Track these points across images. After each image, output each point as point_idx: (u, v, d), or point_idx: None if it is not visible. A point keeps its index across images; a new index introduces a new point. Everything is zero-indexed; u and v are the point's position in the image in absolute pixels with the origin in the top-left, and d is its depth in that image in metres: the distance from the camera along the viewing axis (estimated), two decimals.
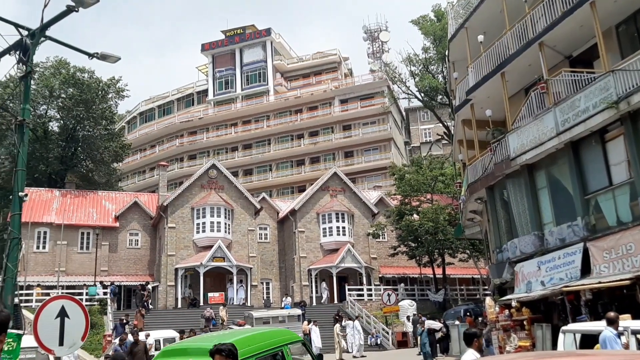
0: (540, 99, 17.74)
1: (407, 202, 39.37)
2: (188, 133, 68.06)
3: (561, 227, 16.59)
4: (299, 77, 68.92)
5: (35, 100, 44.72)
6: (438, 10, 49.00)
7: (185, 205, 40.12)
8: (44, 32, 10.15)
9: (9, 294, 8.93)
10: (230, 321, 30.74)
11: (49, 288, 35.55)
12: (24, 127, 9.81)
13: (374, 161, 60.83)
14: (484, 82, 20.32)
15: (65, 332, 7.69)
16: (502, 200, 20.02)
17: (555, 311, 16.00)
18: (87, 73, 47.31)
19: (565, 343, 10.45)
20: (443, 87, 47.46)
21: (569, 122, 15.81)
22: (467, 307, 30.25)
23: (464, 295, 41.35)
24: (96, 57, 10.95)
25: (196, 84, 72.26)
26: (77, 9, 9.80)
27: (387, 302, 32.69)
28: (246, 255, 40.49)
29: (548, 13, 17.26)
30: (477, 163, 21.46)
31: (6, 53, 10.15)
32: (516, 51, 18.58)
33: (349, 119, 62.80)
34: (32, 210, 38.84)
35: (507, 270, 19.16)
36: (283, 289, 43.28)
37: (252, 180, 62.97)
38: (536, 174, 18.13)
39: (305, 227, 42.62)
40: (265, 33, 68.35)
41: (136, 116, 74.56)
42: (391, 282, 43.12)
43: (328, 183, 44.20)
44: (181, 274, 38.37)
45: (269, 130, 64.83)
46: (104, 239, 41.03)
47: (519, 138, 17.97)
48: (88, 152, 49.63)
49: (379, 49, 74.13)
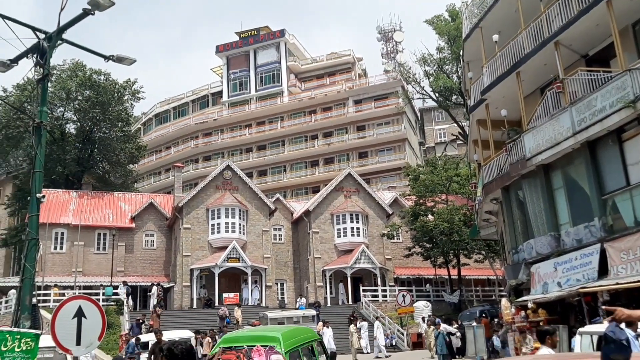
0: (556, 98, 17.59)
1: (422, 202, 39.20)
2: (203, 134, 68.41)
3: (578, 228, 16.43)
4: (312, 78, 68.97)
5: (53, 102, 45.22)
6: (452, 10, 48.76)
7: (200, 206, 40.33)
8: (60, 35, 10.26)
9: (27, 294, 9.04)
10: (245, 321, 30.83)
11: (66, 288, 35.94)
12: (41, 129, 9.93)
13: (389, 162, 60.66)
14: (499, 81, 20.20)
15: (82, 332, 7.77)
16: (517, 201, 19.88)
17: (572, 313, 15.84)
18: (103, 75, 47.74)
19: (582, 345, 10.35)
20: (458, 87, 47.23)
21: (586, 121, 15.65)
22: (482, 308, 30.03)
23: (480, 297, 41.07)
24: (112, 60, 11.05)
25: (211, 85, 72.60)
26: (93, 12, 9.90)
27: (402, 303, 32.58)
28: (261, 256, 40.60)
29: (564, 12, 17.11)
30: (492, 163, 21.33)
31: (24, 56, 10.28)
32: (531, 50, 18.44)
33: (363, 119, 62.72)
34: (49, 212, 39.29)
35: (523, 271, 19.02)
36: (297, 290, 43.34)
37: (267, 181, 63.12)
38: (552, 174, 17.97)
39: (319, 228, 42.63)
40: (279, 34, 68.50)
41: (152, 118, 75.11)
42: (406, 283, 42.98)
43: (342, 184, 44.18)
44: (196, 274, 38.57)
45: (283, 131, 64.95)
46: (120, 240, 41.39)
47: (535, 138, 17.82)
48: (104, 153, 50.09)
49: (393, 49, 73.95)
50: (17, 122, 43.99)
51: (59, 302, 9.64)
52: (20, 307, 8.96)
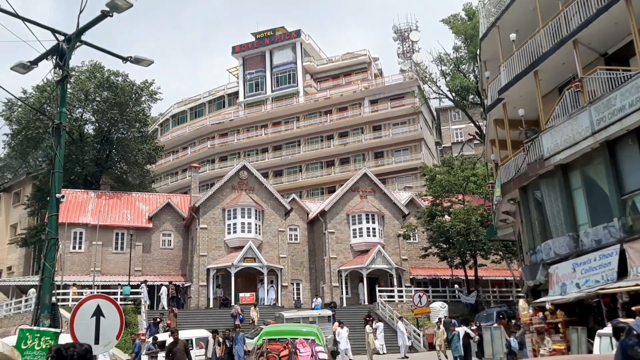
0: (574, 97, 17.40)
1: (438, 203, 39.01)
2: (219, 135, 68.74)
3: (597, 228, 16.24)
4: (328, 78, 68.96)
5: (71, 103, 45.77)
6: (469, 9, 48.49)
7: (217, 206, 40.54)
8: (79, 37, 10.37)
9: (46, 293, 9.15)
10: (261, 321, 30.94)
11: (85, 287, 36.35)
12: (60, 130, 10.04)
13: (405, 162, 60.45)
14: (516, 81, 20.04)
15: (100, 331, 7.84)
16: (535, 201, 19.70)
17: (591, 314, 15.66)
18: (121, 76, 48.20)
19: (601, 347, 10.23)
20: (474, 86, 46.94)
21: (605, 121, 15.46)
22: (500, 309, 29.83)
23: (497, 297, 40.78)
24: (130, 61, 11.14)
25: (227, 86, 72.94)
26: (111, 14, 10.00)
27: (418, 304, 32.46)
28: (276, 256, 40.70)
29: (582, 10, 16.93)
30: (509, 163, 21.17)
31: (43, 58, 10.41)
32: (550, 49, 18.27)
33: (379, 119, 62.57)
34: (68, 212, 39.75)
35: (541, 272, 18.84)
36: (313, 290, 43.37)
37: (282, 181, 63.25)
38: (571, 174, 17.78)
39: (335, 228, 42.61)
40: (295, 35, 68.59)
41: (169, 118, 75.65)
42: (422, 284, 42.79)
43: (358, 184, 44.12)
44: (213, 274, 38.77)
45: (298, 131, 65.03)
46: (137, 240, 41.74)
47: (553, 138, 17.65)
48: (122, 154, 50.58)
49: (409, 49, 73.68)
50: (36, 123, 44.60)
51: (77, 301, 9.74)
52: (40, 306, 9.07)
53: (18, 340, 7.48)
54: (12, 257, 49.46)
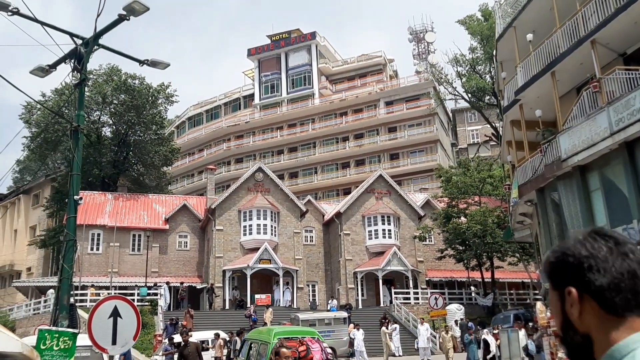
0: (592, 98, 17.22)
1: (455, 204, 38.79)
2: (235, 137, 69.01)
3: (616, 230, 16.04)
4: (343, 80, 68.92)
5: (89, 106, 46.23)
6: (485, 9, 48.21)
7: (233, 208, 40.68)
8: (97, 41, 10.49)
9: (65, 293, 9.25)
10: (276, 322, 30.96)
11: (102, 288, 36.67)
12: (78, 132, 10.16)
13: (420, 163, 60.22)
14: (533, 81, 19.88)
15: (117, 332, 7.92)
16: (553, 203, 19.51)
17: None
18: (137, 79, 48.63)
19: None
20: (491, 87, 46.66)
21: (624, 121, 15.27)
22: (517, 311, 29.55)
23: (514, 300, 40.42)
24: (146, 64, 11.25)
25: (243, 88, 73.23)
26: (128, 18, 10.10)
27: (434, 306, 32.27)
28: (292, 257, 40.73)
29: (600, 10, 16.76)
30: (526, 164, 20.99)
31: (62, 62, 10.54)
32: (567, 50, 18.10)
33: (394, 121, 62.40)
34: (86, 213, 40.13)
35: None
36: (329, 292, 43.32)
37: (298, 183, 63.31)
38: (589, 176, 17.59)
39: (350, 230, 42.55)
40: (310, 37, 68.67)
41: (185, 121, 76.12)
42: (438, 286, 42.56)
43: (373, 185, 44.01)
44: (229, 275, 38.90)
45: (314, 133, 65.08)
46: (154, 241, 42.02)
47: (571, 139, 17.47)
48: (139, 156, 51.00)
49: (425, 50, 73.41)
50: (55, 126, 45.12)
51: (95, 302, 9.83)
52: (59, 307, 9.17)
53: (37, 341, 7.58)
54: (32, 258, 50.09)
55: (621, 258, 1.32)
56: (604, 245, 1.34)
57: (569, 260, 1.38)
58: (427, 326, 28.14)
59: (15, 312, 37.94)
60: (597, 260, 1.32)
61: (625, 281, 1.29)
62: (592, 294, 1.32)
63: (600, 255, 1.32)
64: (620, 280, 1.29)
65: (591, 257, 1.33)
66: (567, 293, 1.37)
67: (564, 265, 1.39)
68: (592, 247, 1.35)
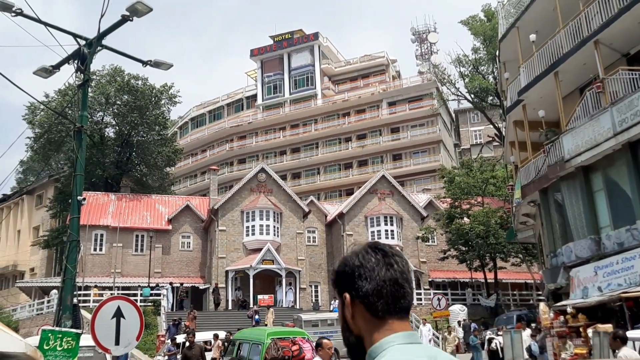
0: (596, 98, 17.19)
1: (457, 205, 38.75)
2: (238, 137, 69.06)
3: (619, 231, 16.01)
4: (346, 81, 68.91)
5: (92, 107, 46.30)
6: (488, 10, 48.16)
7: (235, 209, 40.71)
8: (100, 42, 10.51)
9: (68, 294, 9.26)
10: (279, 323, 30.97)
11: (105, 289, 36.72)
12: (82, 133, 10.18)
13: (423, 164, 60.17)
14: (536, 82, 19.85)
15: (120, 332, 7.93)
16: (556, 203, 19.47)
17: (614, 318, 15.43)
18: (141, 80, 48.70)
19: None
20: (494, 87, 46.60)
21: (627, 122, 15.25)
22: (520, 312, 29.50)
23: (517, 301, 40.36)
24: (150, 65, 11.27)
25: (245, 89, 73.27)
26: (131, 19, 10.12)
27: (437, 307, 32.23)
28: (295, 258, 40.74)
29: (603, 10, 16.72)
30: (529, 165, 20.96)
31: (65, 62, 10.56)
32: (570, 50, 18.07)
33: (397, 121, 62.38)
34: (89, 214, 40.19)
35: (561, 275, 18.61)
36: (331, 292, 43.23)
37: (301, 183, 63.31)
38: (592, 176, 17.55)
39: (353, 231, 42.53)
40: (313, 37, 68.67)
41: (188, 121, 76.21)
42: (441, 287, 42.52)
43: (376, 186, 44.00)
44: (231, 276, 38.93)
45: (316, 133, 65.10)
46: (157, 242, 42.07)
47: (574, 139, 17.44)
48: (142, 157, 51.07)
49: (428, 51, 73.36)
50: (58, 127, 45.23)
51: (98, 302, 9.85)
52: (62, 307, 9.19)
53: (40, 341, 7.59)
54: (35, 259, 50.21)
55: (386, 268, 1.48)
56: (373, 257, 1.50)
57: (345, 269, 1.55)
58: (429, 327, 28.09)
59: (19, 313, 38.04)
60: (365, 269, 1.48)
61: (387, 288, 1.46)
62: (360, 299, 1.48)
63: (368, 265, 1.49)
64: (383, 287, 1.45)
65: (361, 267, 1.49)
66: (343, 298, 1.55)
67: (342, 273, 1.56)
68: (363, 258, 1.51)
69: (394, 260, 1.50)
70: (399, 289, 1.47)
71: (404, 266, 1.51)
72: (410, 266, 1.46)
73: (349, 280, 1.53)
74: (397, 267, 1.49)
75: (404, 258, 1.54)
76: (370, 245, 1.56)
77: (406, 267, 1.52)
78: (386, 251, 1.52)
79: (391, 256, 1.51)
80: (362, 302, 1.48)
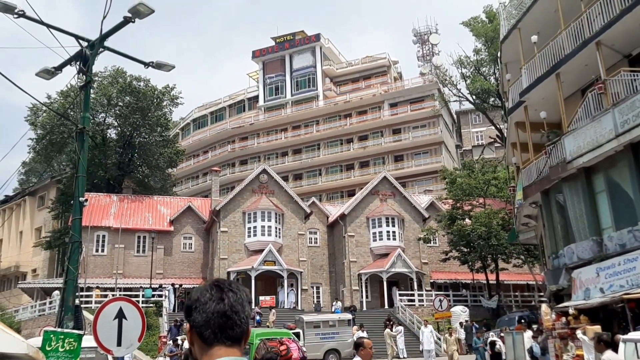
0: (597, 99, 17.18)
1: (459, 206, 38.72)
2: (239, 139, 69.11)
3: (621, 232, 15.99)
4: (348, 82, 68.95)
5: (94, 108, 46.37)
6: (489, 11, 48.14)
7: (237, 210, 40.74)
8: (102, 43, 10.53)
9: (70, 295, 9.28)
10: (281, 324, 30.96)
11: (108, 290, 36.75)
12: (84, 134, 10.20)
13: (425, 165, 60.16)
14: (538, 83, 19.83)
15: (122, 333, 7.94)
16: (557, 205, 19.45)
17: (616, 320, 15.41)
18: (143, 82, 48.76)
19: (626, 353, 10.06)
20: (495, 89, 46.57)
21: (629, 123, 15.23)
22: (521, 314, 29.45)
23: (519, 302, 40.30)
24: (151, 66, 11.29)
25: (247, 90, 73.33)
26: (133, 20, 10.14)
27: (438, 308, 32.22)
28: (296, 259, 40.75)
29: (605, 11, 16.71)
30: (531, 166, 20.94)
31: (67, 64, 10.59)
32: (572, 51, 18.06)
33: (398, 122, 62.38)
34: (91, 215, 40.26)
35: (563, 276, 18.59)
36: (333, 294, 43.29)
37: (302, 184, 63.33)
38: (594, 177, 17.54)
39: (355, 232, 42.52)
40: (315, 39, 68.72)
41: (189, 123, 76.29)
42: (443, 288, 42.48)
43: (378, 187, 43.99)
44: (233, 277, 38.89)
45: (318, 135, 65.12)
46: (159, 243, 42.11)
47: (576, 140, 17.43)
48: (144, 158, 51.13)
49: (429, 52, 73.38)
50: (60, 128, 45.30)
51: (100, 303, 9.86)
52: (64, 308, 9.20)
53: (42, 342, 7.60)
54: (37, 260, 50.26)
55: (216, 302, 1.70)
56: (208, 293, 1.73)
57: (188, 303, 1.81)
58: (431, 328, 28.06)
59: (21, 314, 38.08)
60: (199, 303, 1.72)
61: (214, 320, 1.67)
62: (194, 328, 1.73)
63: (202, 300, 1.72)
64: (211, 319, 1.67)
65: (197, 301, 1.73)
66: (186, 326, 1.80)
67: (186, 306, 1.83)
68: (200, 293, 1.76)
69: (226, 295, 1.71)
70: (227, 321, 1.68)
71: (236, 300, 1.71)
72: (246, 298, 1.75)
73: (189, 312, 1.77)
74: (228, 301, 1.70)
75: (239, 293, 1.76)
76: (213, 282, 1.80)
77: (239, 301, 1.72)
78: (222, 287, 1.74)
79: (225, 292, 1.73)
80: (196, 331, 1.71)
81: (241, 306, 1.72)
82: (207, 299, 1.71)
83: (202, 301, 1.72)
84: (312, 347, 25.73)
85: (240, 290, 1.79)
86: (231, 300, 1.71)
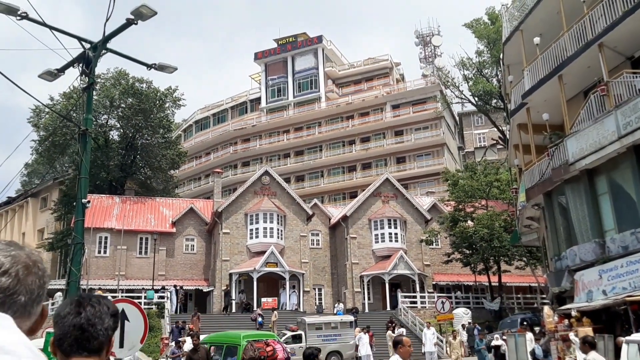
0: (600, 101, 17.16)
1: (461, 208, 38.69)
2: (242, 140, 69.16)
3: (624, 234, 15.96)
4: (350, 84, 68.99)
5: (97, 110, 46.43)
6: (492, 13, 48.12)
7: (239, 211, 40.74)
8: (105, 45, 10.55)
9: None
10: (283, 326, 30.93)
11: (110, 291, 36.76)
12: (86, 136, 10.22)
13: (427, 167, 60.12)
14: (540, 85, 19.83)
15: (125, 335, 7.93)
16: (560, 207, 19.43)
17: (618, 321, 15.38)
18: (145, 83, 48.82)
19: (629, 354, 10.04)
20: (498, 90, 46.56)
21: (632, 125, 15.21)
22: (524, 316, 29.41)
23: (521, 304, 40.24)
24: (154, 68, 11.30)
25: (249, 92, 73.40)
26: (136, 22, 10.16)
27: (441, 310, 32.16)
28: (298, 261, 40.73)
29: (608, 13, 16.71)
30: (533, 168, 20.93)
31: (70, 66, 10.61)
32: (574, 53, 18.05)
33: (400, 124, 62.37)
34: (94, 216, 40.28)
35: (566, 278, 18.57)
36: (335, 295, 43.26)
37: (304, 186, 63.33)
38: (596, 179, 17.52)
39: (357, 233, 42.50)
40: (317, 40, 68.78)
41: (192, 124, 76.37)
42: (445, 290, 42.44)
43: (380, 189, 43.96)
44: (235, 278, 38.92)
45: (320, 136, 65.13)
46: (161, 244, 42.13)
47: (578, 142, 17.41)
48: (146, 159, 51.17)
49: (431, 54, 73.35)
50: (63, 130, 45.35)
51: None
52: None
53: (45, 343, 7.61)
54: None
55: (73, 316, 1.77)
56: (67, 307, 1.80)
57: (53, 318, 1.84)
58: (433, 330, 28.01)
59: None
60: (59, 317, 1.79)
61: (70, 333, 1.75)
62: (55, 341, 1.77)
63: (61, 314, 1.79)
64: (68, 332, 1.75)
65: (57, 316, 1.79)
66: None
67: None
68: (61, 308, 1.82)
69: (84, 309, 1.78)
70: (83, 334, 1.75)
71: (94, 314, 1.78)
72: (107, 311, 1.84)
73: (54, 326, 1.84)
74: (85, 315, 1.77)
75: (98, 307, 1.82)
76: (74, 297, 1.87)
77: (97, 314, 1.79)
78: (81, 302, 1.81)
79: (84, 306, 1.80)
80: (56, 343, 1.78)
81: (99, 319, 1.79)
82: (65, 313, 1.79)
83: (61, 315, 1.79)
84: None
85: (100, 304, 1.85)
86: (88, 314, 1.78)
